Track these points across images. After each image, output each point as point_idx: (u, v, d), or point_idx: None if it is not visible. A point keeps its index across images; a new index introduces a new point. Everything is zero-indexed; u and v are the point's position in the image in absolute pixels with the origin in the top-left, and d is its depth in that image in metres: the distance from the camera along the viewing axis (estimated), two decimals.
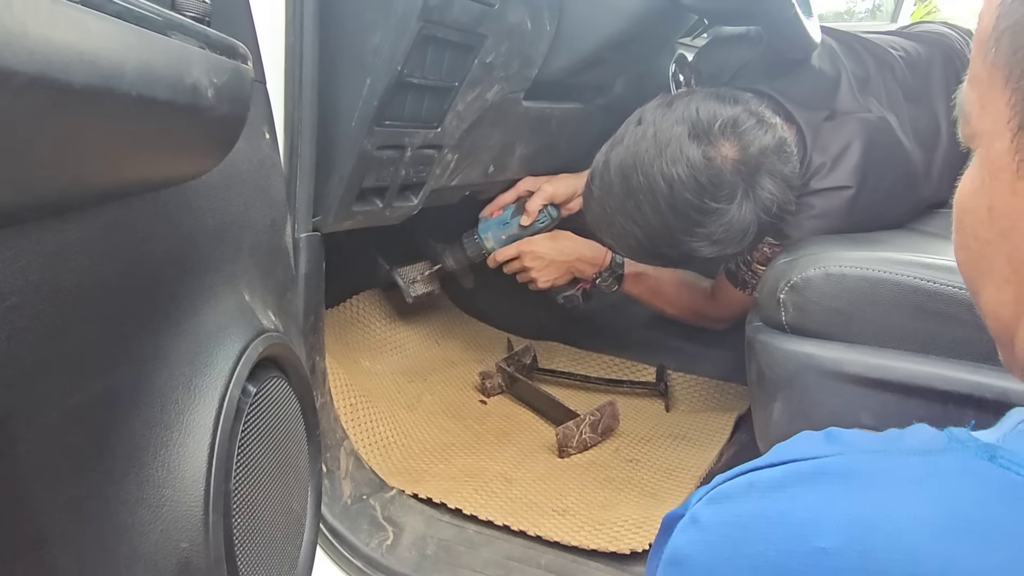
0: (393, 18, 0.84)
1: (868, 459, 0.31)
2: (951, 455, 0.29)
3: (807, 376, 0.77)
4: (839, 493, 0.30)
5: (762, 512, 0.31)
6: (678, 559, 0.33)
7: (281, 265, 0.73)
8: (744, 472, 0.34)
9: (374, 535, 0.94)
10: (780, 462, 0.33)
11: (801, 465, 0.32)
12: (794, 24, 0.99)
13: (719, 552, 0.31)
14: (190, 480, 0.49)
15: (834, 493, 0.30)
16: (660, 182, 0.93)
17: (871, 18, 3.43)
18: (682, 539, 0.33)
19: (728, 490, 0.34)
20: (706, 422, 1.32)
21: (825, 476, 0.31)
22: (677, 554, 0.33)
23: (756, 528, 0.31)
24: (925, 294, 0.72)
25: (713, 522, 0.33)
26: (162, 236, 0.51)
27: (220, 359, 0.55)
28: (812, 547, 0.28)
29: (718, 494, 0.34)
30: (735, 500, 0.33)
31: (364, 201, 0.99)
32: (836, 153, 1.08)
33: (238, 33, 0.64)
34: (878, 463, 0.31)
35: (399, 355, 1.46)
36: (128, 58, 0.32)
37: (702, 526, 0.33)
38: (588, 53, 1.14)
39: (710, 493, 0.35)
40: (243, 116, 0.46)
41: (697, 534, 0.33)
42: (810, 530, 0.29)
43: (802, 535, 0.29)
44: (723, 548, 0.31)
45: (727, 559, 0.31)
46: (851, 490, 0.30)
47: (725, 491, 0.34)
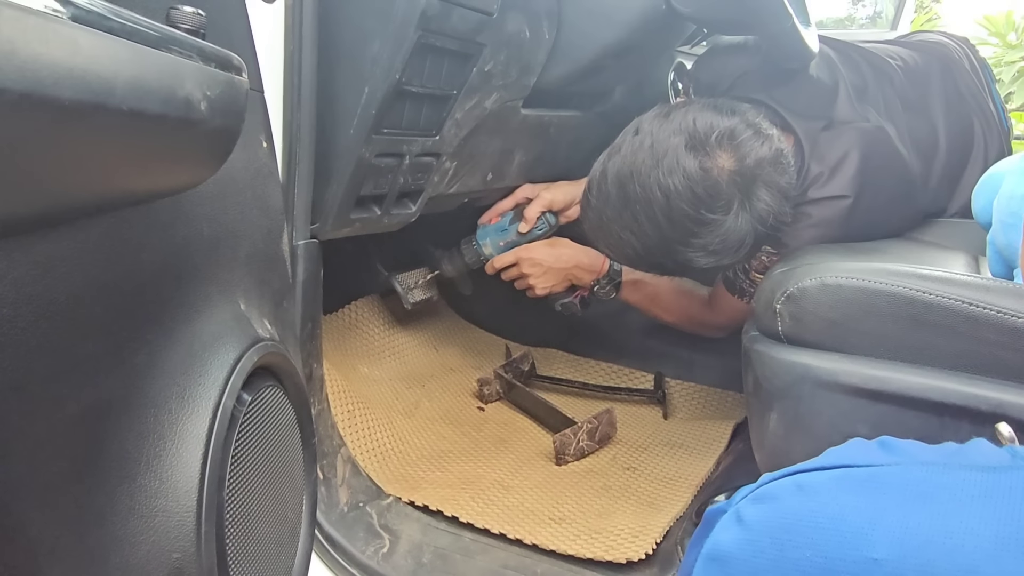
0: (391, 27, 0.84)
1: (927, 471, 0.30)
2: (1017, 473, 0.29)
3: (803, 386, 0.77)
4: (894, 503, 0.29)
5: (810, 515, 0.30)
6: (719, 556, 0.32)
7: (277, 273, 0.73)
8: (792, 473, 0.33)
9: (370, 543, 0.94)
10: (832, 466, 0.33)
11: (854, 471, 0.31)
12: (792, 34, 0.99)
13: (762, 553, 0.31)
14: (183, 490, 0.49)
15: (889, 503, 0.29)
16: (656, 192, 0.93)
17: (872, 25, 3.44)
18: (725, 536, 0.33)
19: (775, 490, 0.33)
20: (704, 430, 1.32)
21: (880, 484, 0.30)
22: (718, 551, 0.32)
23: (803, 531, 0.30)
24: (921, 305, 0.72)
25: (758, 521, 0.32)
26: (156, 246, 0.51)
27: (214, 368, 0.55)
28: (863, 556, 0.27)
29: (764, 493, 0.33)
30: (782, 501, 0.32)
31: (362, 208, 0.99)
32: (834, 163, 1.08)
33: (235, 43, 0.64)
34: (938, 476, 0.30)
35: (397, 361, 1.46)
36: (119, 73, 0.33)
37: (746, 525, 0.32)
38: (587, 61, 1.14)
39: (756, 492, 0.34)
40: (237, 128, 0.46)
41: (741, 532, 0.32)
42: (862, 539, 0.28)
43: (853, 543, 0.28)
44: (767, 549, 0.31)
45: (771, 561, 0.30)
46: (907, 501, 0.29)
47: (772, 491, 0.33)
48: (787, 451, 0.79)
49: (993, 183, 0.97)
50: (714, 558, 0.31)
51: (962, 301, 0.70)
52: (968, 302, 0.70)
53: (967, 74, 1.31)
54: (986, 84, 1.33)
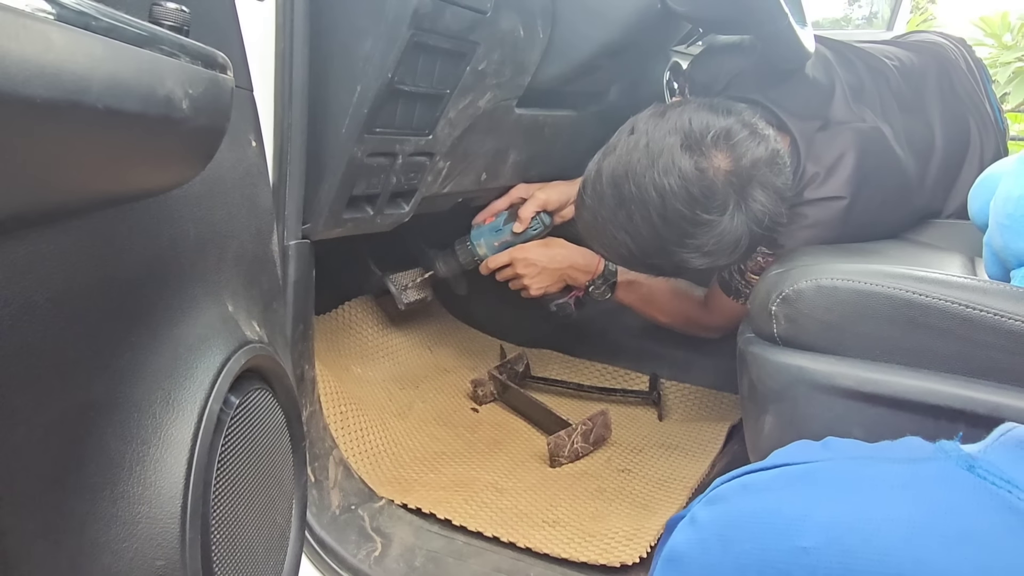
0: (384, 25, 0.83)
1: (854, 465, 0.33)
2: (934, 464, 0.30)
3: (798, 389, 0.77)
4: (824, 496, 0.31)
5: (752, 512, 0.32)
6: (674, 556, 0.34)
7: (267, 274, 0.72)
8: (741, 475, 0.35)
9: (362, 546, 0.93)
10: (774, 465, 0.35)
11: (792, 468, 0.33)
12: (787, 33, 0.98)
13: (711, 549, 0.32)
14: (167, 496, 0.48)
15: (820, 496, 0.31)
16: (652, 192, 0.93)
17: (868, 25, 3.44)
18: (680, 538, 0.34)
19: (724, 491, 0.35)
20: (699, 432, 1.31)
21: (813, 479, 0.32)
22: (674, 552, 0.34)
23: (745, 527, 0.32)
24: (918, 308, 0.71)
25: (708, 521, 0.34)
26: (141, 247, 0.50)
27: (200, 371, 0.54)
28: (794, 546, 0.29)
29: (715, 495, 0.35)
30: (729, 501, 0.34)
31: (355, 208, 0.99)
32: (830, 163, 1.08)
33: (222, 41, 0.63)
34: (864, 469, 0.32)
35: (391, 362, 1.45)
36: (95, 71, 0.32)
37: (698, 525, 0.34)
38: (582, 61, 1.13)
39: (708, 495, 0.36)
40: (222, 127, 0.45)
41: (693, 533, 0.34)
42: (794, 529, 0.30)
43: (786, 534, 0.30)
44: (715, 546, 0.32)
45: (718, 556, 0.32)
46: (836, 493, 0.31)
47: (721, 492, 0.35)
48: None
49: (989, 184, 0.96)
50: (669, 559, 0.33)
51: (958, 303, 0.69)
52: (964, 304, 0.69)
53: (963, 74, 1.31)
54: (982, 84, 1.33)
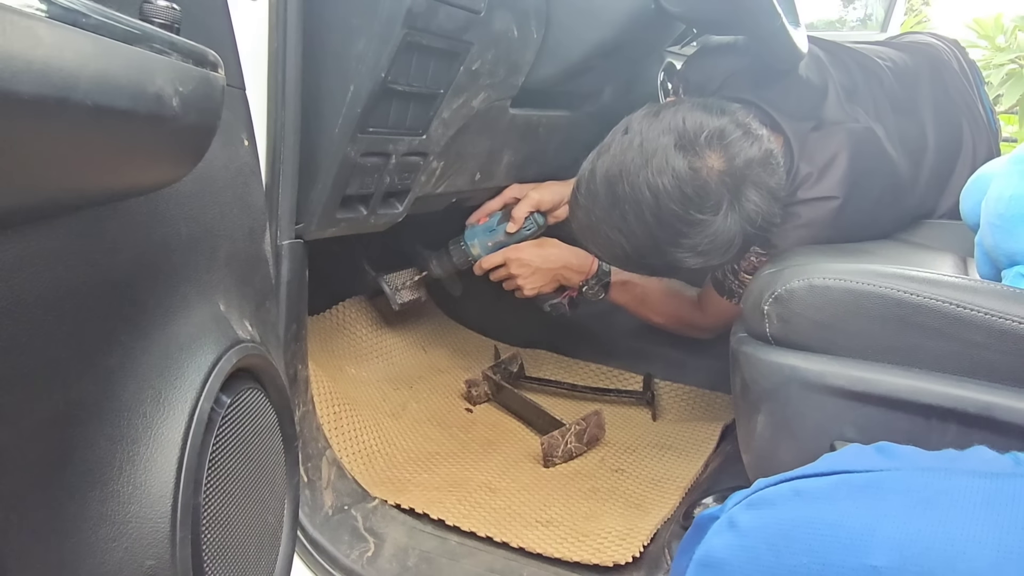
0: (377, 24, 0.83)
1: (927, 476, 0.30)
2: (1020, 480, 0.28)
3: (791, 388, 0.77)
4: (894, 509, 0.28)
5: (808, 521, 0.30)
6: (712, 562, 0.31)
7: (259, 274, 0.72)
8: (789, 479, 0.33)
9: (355, 546, 0.93)
10: (830, 472, 0.32)
11: (853, 477, 0.31)
12: (780, 34, 0.98)
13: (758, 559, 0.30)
14: (157, 495, 0.48)
15: (889, 509, 0.28)
16: (645, 192, 0.93)
17: (863, 27, 3.45)
18: (718, 542, 0.32)
19: (771, 496, 0.32)
20: (692, 432, 1.31)
21: (879, 490, 0.29)
22: (711, 557, 0.31)
23: (800, 538, 0.29)
24: (909, 307, 0.72)
25: (753, 527, 0.31)
26: (131, 246, 0.50)
27: (191, 371, 0.54)
28: (862, 564, 0.27)
29: (759, 499, 0.33)
30: (778, 507, 0.31)
31: (348, 208, 0.98)
32: (823, 164, 1.08)
33: (214, 40, 0.63)
34: (939, 482, 0.29)
35: (385, 362, 1.45)
36: (84, 68, 0.32)
37: (740, 531, 0.31)
38: (575, 61, 1.13)
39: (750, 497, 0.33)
40: (213, 125, 0.45)
41: (734, 539, 0.31)
42: (861, 545, 0.27)
43: (852, 550, 0.27)
44: (763, 555, 0.30)
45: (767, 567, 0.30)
46: (908, 507, 0.28)
47: (768, 496, 0.32)
48: (774, 453, 0.79)
49: (981, 184, 0.97)
50: (707, 564, 0.31)
51: (949, 303, 0.70)
52: (955, 303, 0.69)
53: (956, 75, 1.31)
54: (975, 85, 1.33)
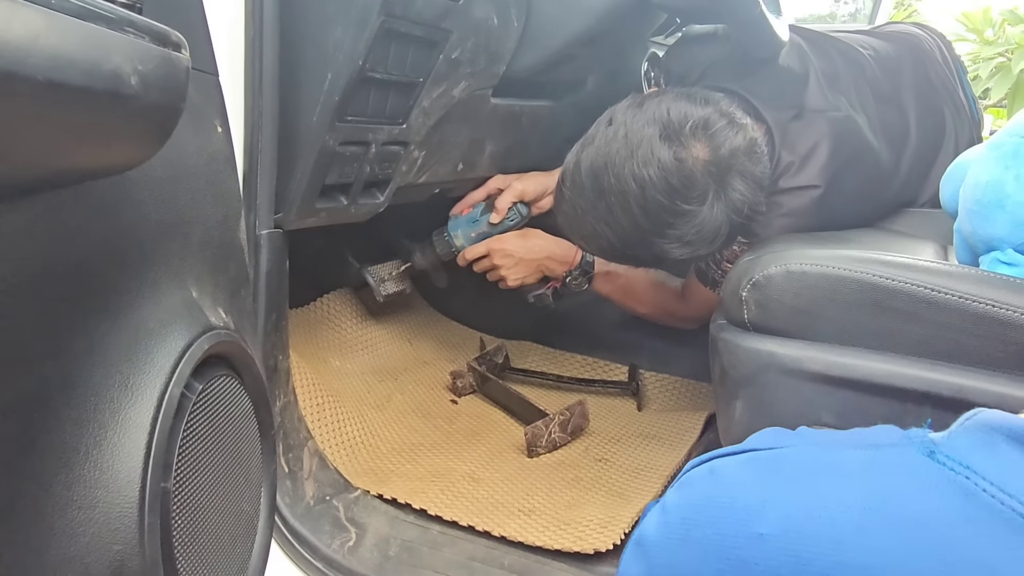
0: (354, 12, 0.83)
1: (816, 451, 0.32)
2: (895, 450, 0.30)
3: (768, 374, 0.77)
4: (784, 481, 0.31)
5: (714, 497, 0.32)
6: (641, 540, 0.35)
7: (234, 262, 0.71)
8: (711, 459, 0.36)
9: (336, 536, 0.93)
10: (744, 450, 0.35)
11: (759, 454, 0.33)
12: (760, 22, 0.98)
13: (674, 534, 0.33)
14: (124, 480, 0.48)
15: (779, 481, 0.31)
16: (631, 183, 0.93)
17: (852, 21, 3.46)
18: (649, 522, 0.35)
19: (693, 476, 0.35)
20: (677, 421, 1.32)
21: (776, 465, 0.32)
22: (641, 536, 0.35)
23: (707, 511, 0.32)
24: (884, 291, 0.72)
25: (675, 506, 0.34)
26: (98, 230, 0.50)
27: (160, 356, 0.53)
28: (752, 532, 0.29)
29: (685, 480, 0.36)
30: (696, 485, 0.34)
31: (328, 198, 0.98)
32: (804, 152, 1.08)
33: (182, 23, 0.63)
34: (825, 455, 0.32)
35: (370, 354, 1.45)
36: (35, 42, 0.31)
37: (666, 509, 0.34)
38: (557, 50, 1.13)
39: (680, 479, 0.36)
40: (177, 105, 0.45)
41: (661, 517, 0.34)
42: (753, 516, 0.30)
43: (745, 520, 0.30)
44: (678, 530, 0.33)
45: (680, 541, 0.32)
46: (795, 479, 0.31)
47: (690, 477, 0.35)
48: None
49: (959, 172, 0.97)
50: (637, 543, 0.34)
51: (924, 287, 0.70)
52: (930, 287, 0.70)
53: (938, 64, 1.32)
54: (957, 74, 1.34)
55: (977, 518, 0.25)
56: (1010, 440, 0.27)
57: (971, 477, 0.26)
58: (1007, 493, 0.25)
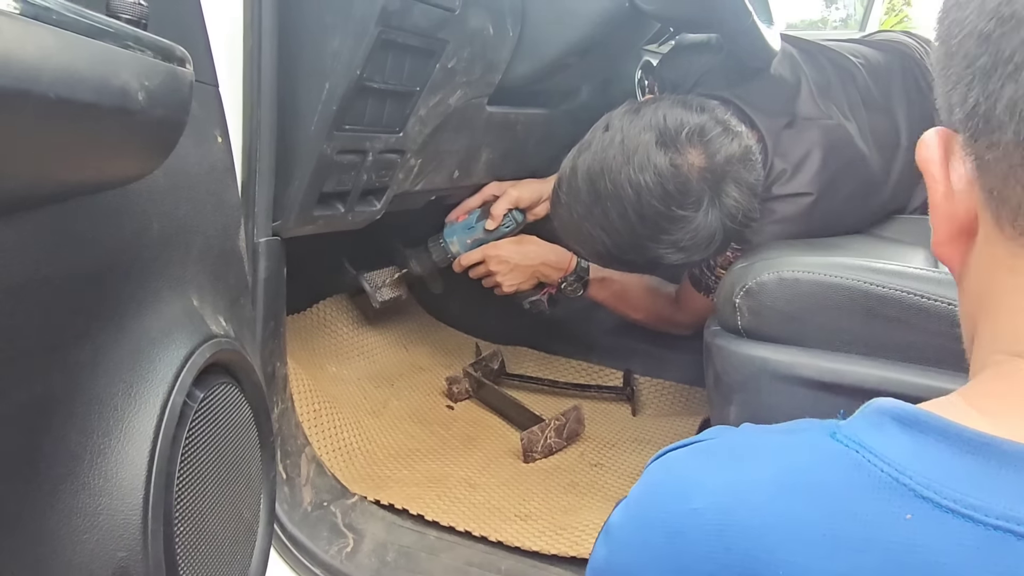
0: (351, 22, 0.84)
1: (746, 436, 0.38)
2: (807, 434, 0.35)
3: (761, 380, 0.78)
4: (716, 463, 0.36)
5: (664, 483, 0.37)
6: (608, 527, 0.38)
7: (234, 270, 0.72)
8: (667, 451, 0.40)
9: (334, 542, 0.94)
10: (692, 443, 0.39)
11: (700, 444, 0.39)
12: (752, 32, 1.00)
13: (633, 518, 0.37)
14: (128, 488, 0.49)
15: (713, 464, 0.36)
16: (627, 189, 0.94)
17: (844, 27, 3.48)
18: (616, 512, 0.39)
19: (651, 468, 0.40)
20: (671, 426, 1.33)
21: (713, 450, 0.38)
22: (609, 524, 0.39)
23: (657, 496, 0.37)
24: (875, 298, 0.73)
25: (635, 495, 0.38)
26: (102, 240, 0.50)
27: (163, 364, 0.54)
28: (688, 508, 0.34)
29: (645, 472, 0.40)
30: (652, 475, 0.39)
31: (325, 206, 0.99)
32: (797, 160, 1.09)
33: (185, 36, 0.63)
34: (752, 439, 0.37)
35: (366, 361, 1.45)
36: (47, 60, 0.32)
37: (628, 500, 0.39)
38: (552, 59, 1.14)
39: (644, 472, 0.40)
40: (181, 119, 0.46)
41: (624, 506, 0.39)
42: (688, 494, 0.34)
43: (682, 498, 0.34)
44: (635, 513, 0.37)
45: (634, 521, 0.37)
46: (725, 461, 0.36)
47: (649, 469, 0.40)
48: None
49: None
50: (605, 530, 0.38)
51: (914, 293, 0.71)
52: (920, 294, 0.71)
53: (928, 73, 1.33)
54: None
55: (861, 483, 0.30)
56: (894, 421, 0.33)
57: (859, 451, 0.31)
58: (885, 462, 0.30)
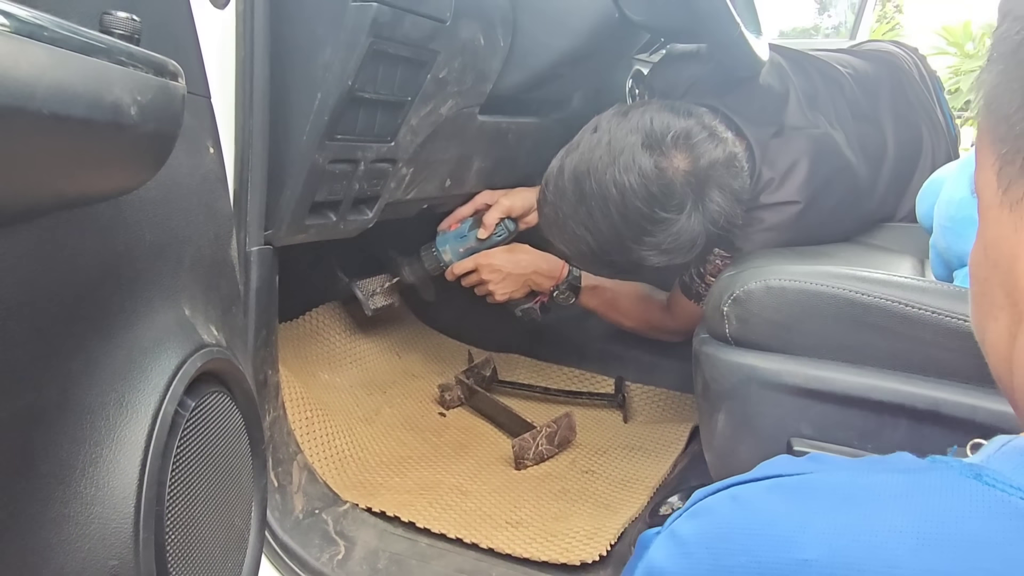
0: (343, 33, 0.84)
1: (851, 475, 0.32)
2: (935, 473, 0.30)
3: (749, 387, 0.79)
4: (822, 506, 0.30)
5: (744, 524, 0.31)
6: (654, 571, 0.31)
7: (226, 279, 0.73)
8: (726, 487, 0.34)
9: (325, 550, 0.94)
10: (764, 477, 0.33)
11: (785, 480, 0.32)
12: (739, 43, 1.01)
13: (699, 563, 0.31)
14: (120, 497, 0.49)
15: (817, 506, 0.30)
16: (612, 189, 0.95)
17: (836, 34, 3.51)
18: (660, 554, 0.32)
19: (710, 504, 0.33)
20: (662, 433, 1.33)
21: (809, 490, 0.31)
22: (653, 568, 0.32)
23: (737, 540, 0.30)
24: (860, 307, 0.74)
25: (693, 535, 0.32)
26: (94, 251, 0.51)
27: (155, 374, 0.55)
28: (794, 558, 0.28)
29: (699, 509, 0.33)
30: (716, 513, 0.32)
31: (317, 215, 0.99)
32: (784, 169, 1.10)
33: (178, 49, 0.64)
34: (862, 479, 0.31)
35: (359, 368, 1.46)
36: (40, 78, 0.33)
37: (681, 539, 0.32)
38: (543, 68, 1.15)
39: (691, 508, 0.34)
40: (173, 132, 0.46)
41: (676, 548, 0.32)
42: (792, 542, 0.28)
43: (784, 546, 0.28)
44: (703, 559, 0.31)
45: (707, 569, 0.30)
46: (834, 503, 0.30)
47: (707, 505, 0.33)
48: (734, 451, 0.81)
49: (935, 188, 1.00)
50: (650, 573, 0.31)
51: (899, 302, 0.72)
52: (905, 303, 0.72)
53: (916, 83, 1.35)
54: (934, 92, 1.37)
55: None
56: None
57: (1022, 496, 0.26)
58: None
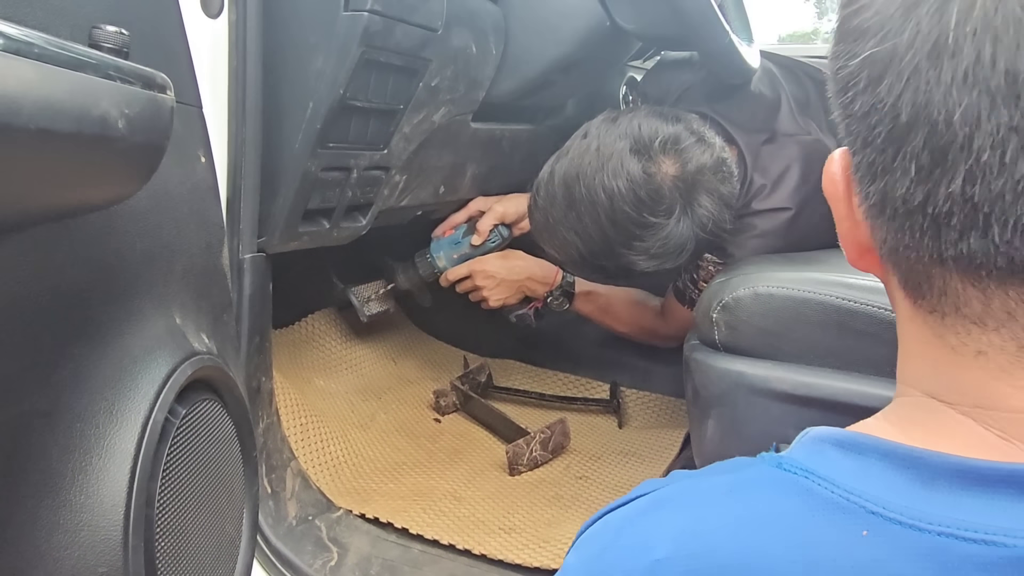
0: (335, 42, 0.85)
1: (692, 482, 0.38)
2: (752, 469, 0.36)
3: (738, 394, 0.79)
4: (668, 514, 0.36)
5: (611, 543, 0.36)
6: None
7: (217, 287, 0.73)
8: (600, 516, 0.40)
9: (318, 556, 0.94)
10: (631, 499, 0.39)
11: (641, 500, 0.38)
12: (730, 51, 1.02)
13: None
14: (109, 504, 0.49)
15: (665, 515, 0.36)
16: (601, 194, 0.96)
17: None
18: None
19: (589, 534, 0.39)
20: (657, 438, 1.34)
21: (659, 502, 0.37)
22: None
23: (607, 558, 0.36)
24: (847, 313, 0.74)
25: (575, 564, 0.37)
26: (84, 261, 0.51)
27: (145, 382, 0.55)
28: (649, 560, 0.33)
29: (581, 540, 0.39)
30: (593, 540, 0.38)
31: (310, 222, 1.00)
32: (776, 175, 1.11)
33: (168, 60, 0.65)
34: (700, 483, 0.37)
35: (354, 374, 1.46)
36: (26, 94, 0.33)
37: (567, 570, 0.38)
38: (535, 76, 1.16)
39: (576, 541, 0.39)
40: (161, 144, 0.47)
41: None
42: (646, 546, 0.34)
43: (641, 552, 0.34)
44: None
45: None
46: (677, 510, 0.36)
47: (586, 536, 0.39)
48: (724, 456, 0.81)
49: None
50: None
51: (885, 308, 0.72)
52: (890, 309, 0.72)
53: None
54: None
55: (815, 507, 0.31)
56: (835, 447, 0.34)
57: (808, 477, 0.33)
58: (834, 484, 0.31)
